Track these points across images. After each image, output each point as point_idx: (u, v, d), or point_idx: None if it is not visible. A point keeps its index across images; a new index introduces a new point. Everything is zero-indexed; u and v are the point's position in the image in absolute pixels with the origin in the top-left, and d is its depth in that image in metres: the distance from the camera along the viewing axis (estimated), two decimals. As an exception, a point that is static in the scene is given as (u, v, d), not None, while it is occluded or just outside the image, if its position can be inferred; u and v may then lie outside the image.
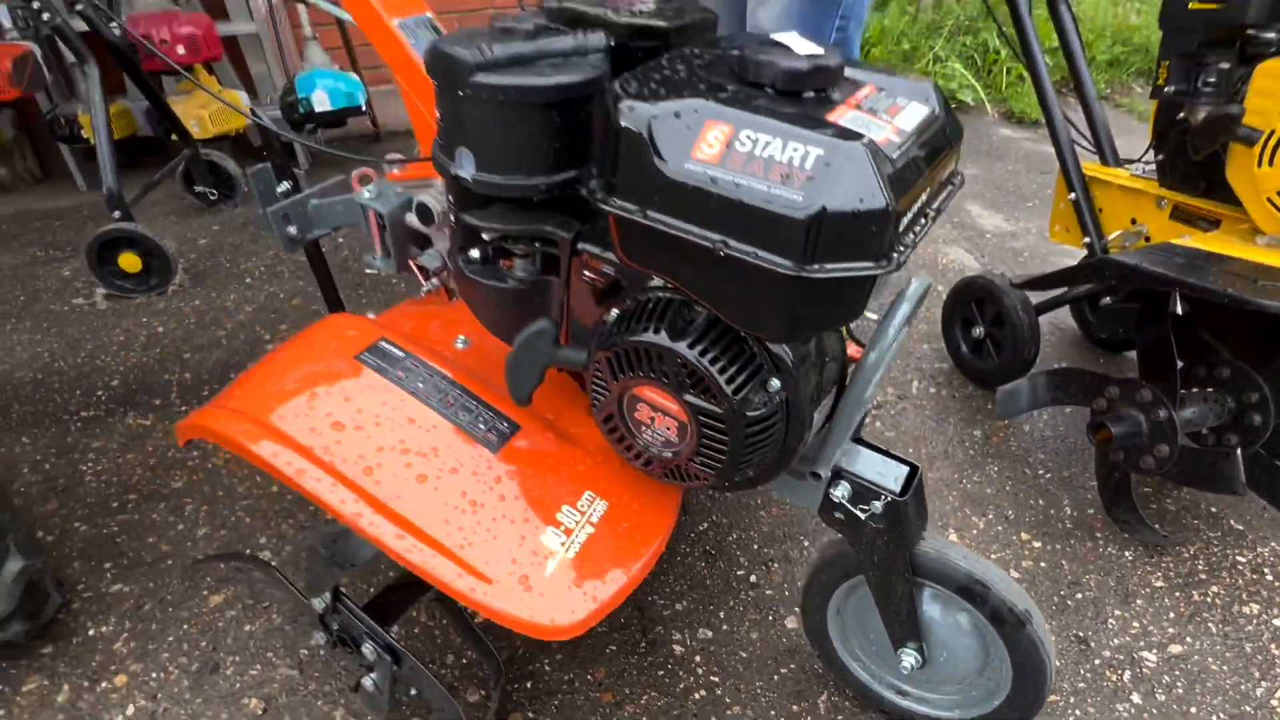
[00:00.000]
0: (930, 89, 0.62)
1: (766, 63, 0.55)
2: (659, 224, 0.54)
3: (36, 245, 2.37)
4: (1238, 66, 1.01)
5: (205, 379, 1.64)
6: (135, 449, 1.45)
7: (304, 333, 0.84)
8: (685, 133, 0.53)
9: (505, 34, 0.62)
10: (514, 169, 0.62)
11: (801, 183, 0.49)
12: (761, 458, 0.65)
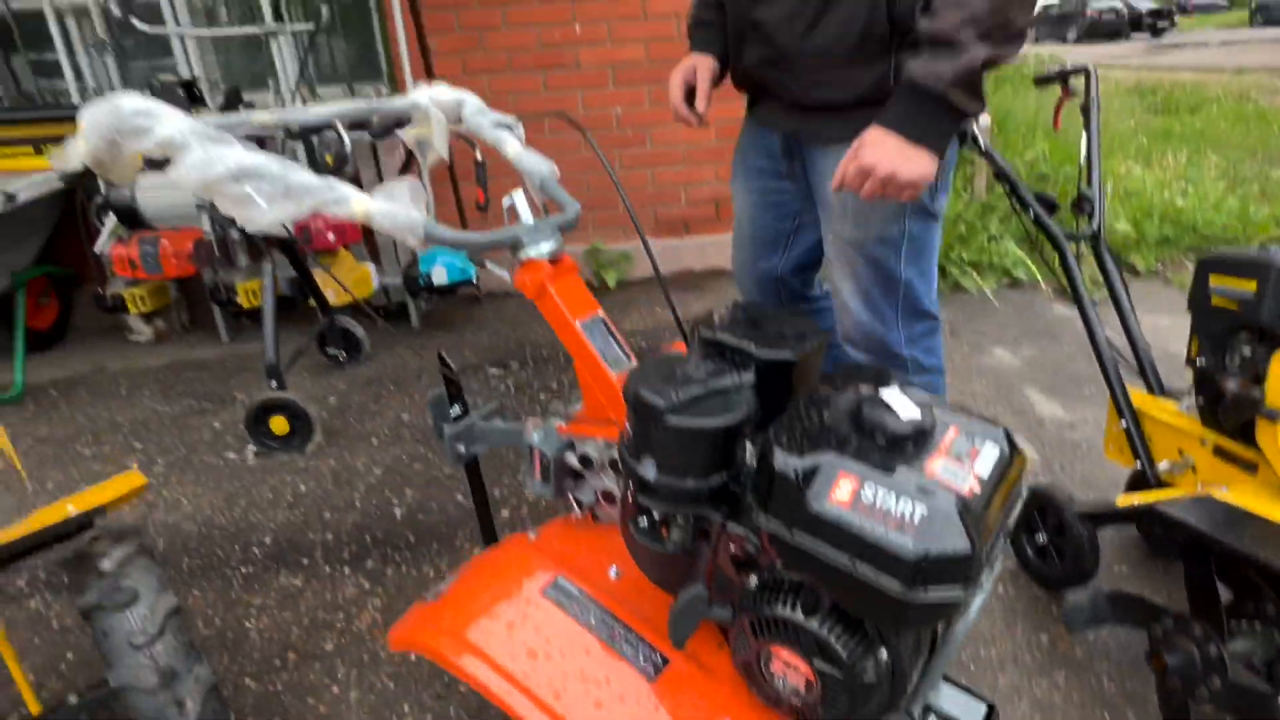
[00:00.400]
0: (1001, 433, 0.82)
1: (879, 424, 0.77)
2: (807, 542, 0.75)
3: (190, 395, 2.72)
4: (1259, 347, 1.20)
5: (345, 541, 1.88)
6: (289, 607, 1.67)
7: (491, 557, 1.06)
8: (824, 481, 0.74)
9: (685, 380, 0.86)
10: (686, 474, 0.85)
11: (911, 531, 0.70)
12: (869, 711, 0.82)
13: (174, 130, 0.89)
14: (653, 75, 3.26)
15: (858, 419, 0.80)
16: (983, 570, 0.73)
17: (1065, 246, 1.68)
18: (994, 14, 1.00)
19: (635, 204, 3.30)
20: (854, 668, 0.78)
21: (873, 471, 0.74)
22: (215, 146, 0.90)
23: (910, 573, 0.70)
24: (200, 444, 2.38)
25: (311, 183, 0.93)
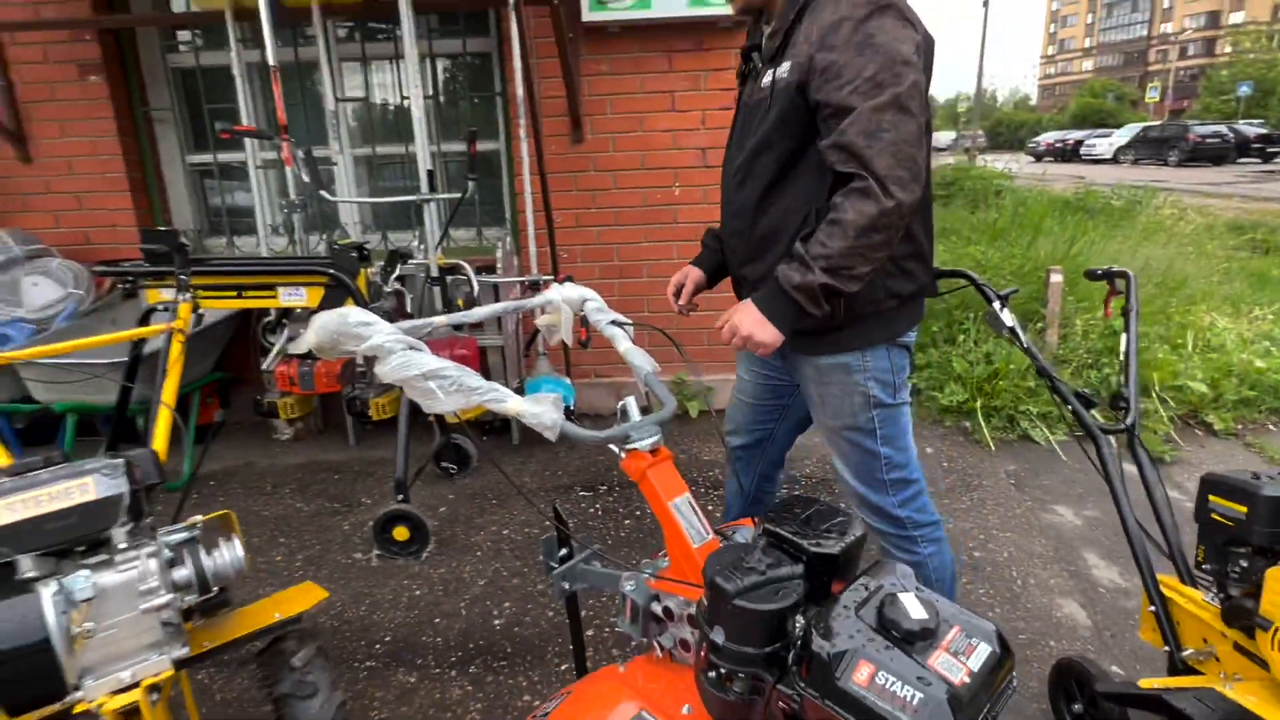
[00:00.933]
0: (993, 631, 1.06)
1: (895, 622, 1.03)
2: (834, 710, 1.00)
3: (323, 496, 3.14)
4: (1254, 561, 1.37)
5: (452, 646, 2.18)
6: (406, 703, 1.97)
7: (587, 688, 1.33)
8: (848, 664, 1.00)
9: (749, 570, 1.14)
10: (745, 643, 1.11)
11: (910, 712, 0.94)
12: None
13: (383, 339, 1.27)
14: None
15: (880, 614, 1.06)
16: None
17: (1100, 439, 1.87)
18: (844, 259, 1.36)
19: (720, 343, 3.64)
20: None
21: (886, 663, 0.99)
22: (411, 354, 1.27)
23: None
24: (333, 543, 2.76)
25: (479, 384, 1.28)
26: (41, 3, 3.55)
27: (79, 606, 1.10)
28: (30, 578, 1.09)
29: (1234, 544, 1.42)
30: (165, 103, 3.83)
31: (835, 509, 1.33)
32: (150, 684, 1.15)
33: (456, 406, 1.30)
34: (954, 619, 1.09)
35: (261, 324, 3.58)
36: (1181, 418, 3.72)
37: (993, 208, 7.67)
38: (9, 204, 3.78)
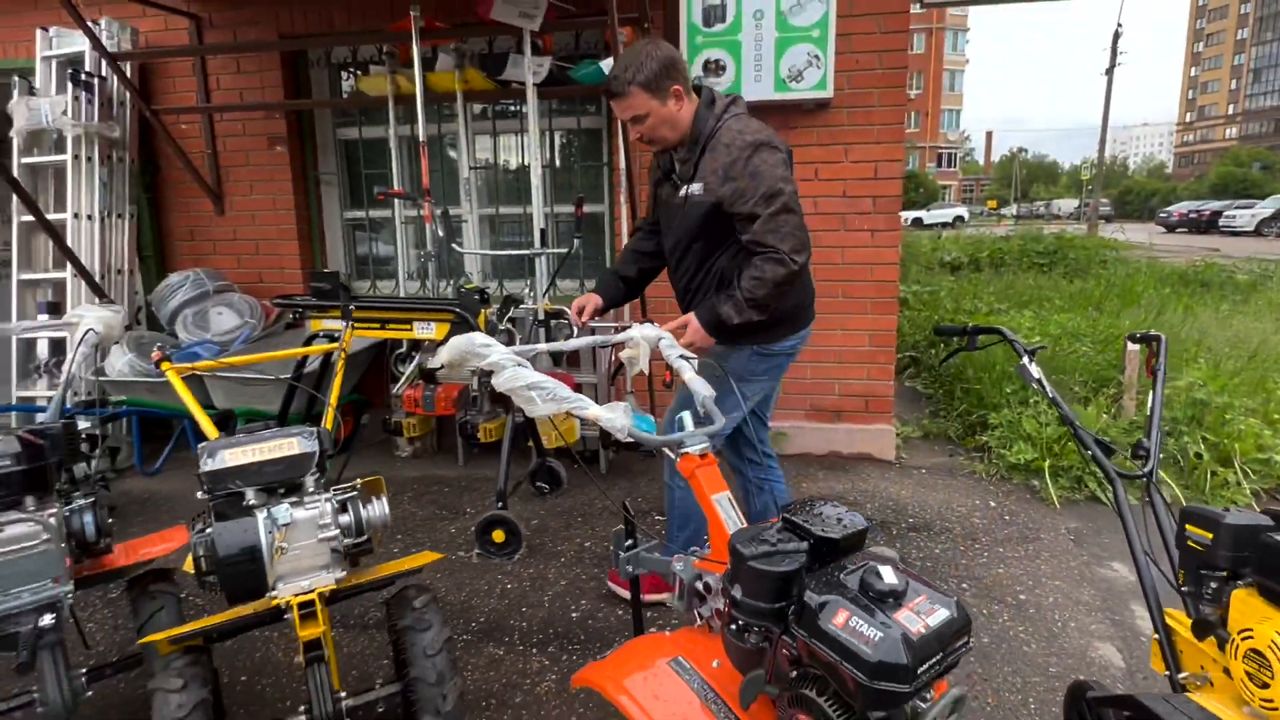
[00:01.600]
0: (954, 602, 1.33)
1: (870, 584, 1.32)
2: (818, 646, 1.30)
3: (434, 504, 3.62)
4: (1224, 582, 1.56)
5: (535, 630, 2.55)
6: (494, 669, 2.34)
7: (640, 639, 1.66)
8: (830, 611, 1.30)
9: (764, 542, 1.46)
10: (759, 599, 1.43)
11: (871, 646, 1.23)
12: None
13: (499, 357, 1.69)
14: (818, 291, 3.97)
15: (862, 580, 1.36)
16: (918, 678, 1.23)
17: (1118, 483, 2.06)
18: (762, 301, 2.16)
19: (793, 392, 3.95)
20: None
21: (857, 610, 1.29)
22: (520, 369, 1.68)
23: (869, 670, 1.23)
24: (441, 542, 3.21)
25: (568, 395, 1.68)
26: (245, 88, 4.39)
27: (280, 529, 1.55)
28: (251, 504, 1.56)
29: (1205, 567, 1.60)
30: (331, 168, 4.59)
31: (845, 510, 1.63)
32: (320, 593, 1.58)
33: (551, 411, 1.71)
34: (922, 590, 1.37)
35: (394, 355, 4.17)
36: (1267, 491, 3.68)
37: (1094, 278, 7.59)
38: (204, 248, 4.60)
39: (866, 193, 3.84)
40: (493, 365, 1.72)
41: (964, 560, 3.00)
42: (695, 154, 2.23)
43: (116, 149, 4.25)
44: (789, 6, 3.60)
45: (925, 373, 5.69)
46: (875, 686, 1.24)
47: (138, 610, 2.03)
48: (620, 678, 1.55)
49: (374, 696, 1.85)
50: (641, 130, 2.25)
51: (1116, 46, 27.04)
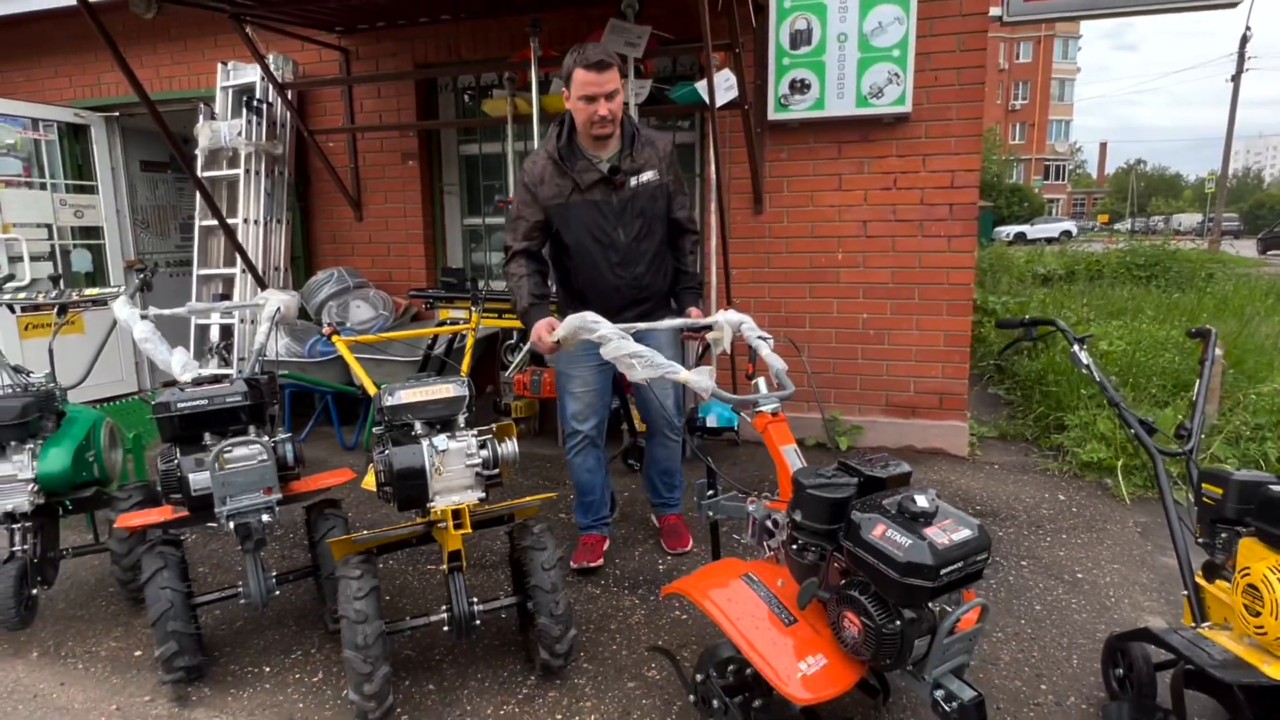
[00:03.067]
0: (977, 525, 1.62)
1: (906, 506, 1.63)
2: (860, 553, 1.63)
3: (538, 476, 4.08)
4: (1229, 532, 1.77)
5: (626, 577, 2.92)
6: (592, 603, 2.73)
7: (719, 562, 2.01)
8: (870, 525, 1.62)
9: (820, 477, 1.79)
10: (816, 520, 1.76)
11: (902, 550, 1.54)
12: (889, 654, 1.62)
13: (606, 331, 2.08)
14: (895, 293, 4.22)
15: (899, 504, 1.67)
16: (940, 578, 1.53)
17: (1158, 459, 2.26)
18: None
19: (870, 388, 4.22)
20: (881, 626, 1.61)
21: (893, 524, 1.61)
22: (623, 341, 2.07)
23: (900, 569, 1.55)
24: (547, 506, 3.65)
25: (663, 363, 2.05)
26: (384, 110, 5.03)
27: (438, 455, 2.00)
28: (418, 434, 2.01)
29: (1217, 519, 1.82)
30: (454, 180, 5.17)
31: (892, 460, 1.93)
32: (467, 507, 2.01)
33: (647, 376, 2.09)
34: (950, 514, 1.67)
35: (504, 345, 4.67)
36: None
37: (1195, 291, 7.40)
38: (345, 250, 5.26)
39: (943, 200, 4.07)
40: (601, 338, 2.12)
41: (1026, 543, 3.20)
42: (630, 147, 2.59)
43: (278, 164, 4.96)
44: (871, 29, 3.90)
45: (1008, 380, 5.78)
46: (905, 582, 1.56)
47: (315, 527, 2.54)
48: (704, 587, 1.91)
49: (499, 605, 2.29)
50: (613, 107, 2.47)
51: (1244, 51, 25.44)
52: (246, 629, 2.64)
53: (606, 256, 2.66)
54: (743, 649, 1.73)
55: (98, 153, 5.79)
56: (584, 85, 2.44)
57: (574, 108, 2.52)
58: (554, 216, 2.63)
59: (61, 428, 2.66)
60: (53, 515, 2.70)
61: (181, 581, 2.21)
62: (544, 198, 2.61)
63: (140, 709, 2.22)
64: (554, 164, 2.60)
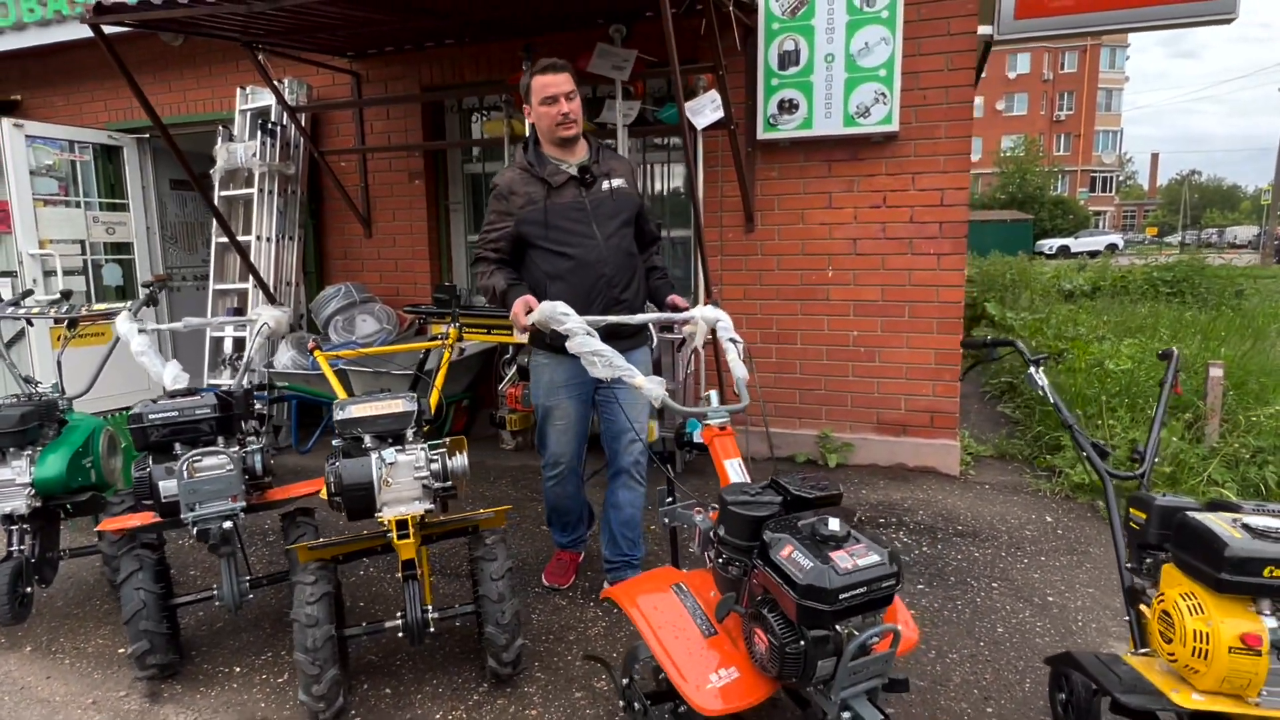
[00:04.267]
0: (888, 553, 1.64)
1: (817, 529, 1.67)
2: (768, 572, 1.66)
3: (528, 488, 4.16)
4: (1153, 556, 1.76)
5: (593, 589, 2.98)
6: (556, 614, 2.79)
7: (658, 571, 2.06)
8: (779, 546, 1.66)
9: (745, 494, 1.83)
10: (736, 536, 1.80)
11: (803, 573, 1.58)
12: (793, 672, 1.64)
13: (573, 325, 2.08)
14: (885, 310, 4.22)
15: (813, 526, 1.70)
16: (839, 601, 1.55)
17: (1108, 482, 2.24)
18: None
19: (861, 405, 4.22)
20: (784, 645, 1.63)
21: (800, 547, 1.64)
22: (587, 338, 2.07)
23: (800, 591, 1.58)
24: (528, 518, 3.73)
25: (621, 364, 2.08)
26: (392, 131, 5.21)
27: (386, 467, 2.09)
28: (368, 447, 2.11)
29: (1142, 544, 1.81)
30: (459, 198, 5.32)
31: (824, 481, 1.95)
32: (413, 518, 2.10)
33: (606, 375, 2.09)
34: (861, 540, 1.69)
35: (501, 360, 4.78)
36: None
37: (1223, 308, 7.20)
38: (354, 265, 5.44)
39: (933, 218, 4.06)
40: (567, 330, 2.13)
41: (1002, 564, 3.17)
42: (598, 155, 2.66)
43: (291, 183, 5.16)
44: (858, 50, 3.93)
45: (1017, 398, 5.70)
46: (803, 603, 1.58)
47: (287, 534, 2.66)
48: (635, 594, 1.96)
49: (453, 613, 2.37)
50: (574, 106, 2.53)
51: (1297, 59, 24.54)
52: (224, 630, 2.76)
53: (583, 256, 2.59)
54: (658, 656, 1.78)
55: (129, 172, 6.07)
56: (543, 88, 2.52)
57: (537, 115, 2.58)
58: (528, 223, 2.59)
59: (61, 435, 2.82)
60: (53, 518, 2.87)
61: (156, 583, 2.34)
62: (516, 206, 2.60)
63: (115, 703, 2.35)
64: (523, 172, 2.62)
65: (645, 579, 2.08)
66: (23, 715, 2.31)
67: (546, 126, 2.58)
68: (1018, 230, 26.12)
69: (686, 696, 1.69)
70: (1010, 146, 46.10)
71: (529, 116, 2.63)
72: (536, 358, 2.79)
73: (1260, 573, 1.50)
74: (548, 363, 2.73)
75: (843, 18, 3.92)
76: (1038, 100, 52.57)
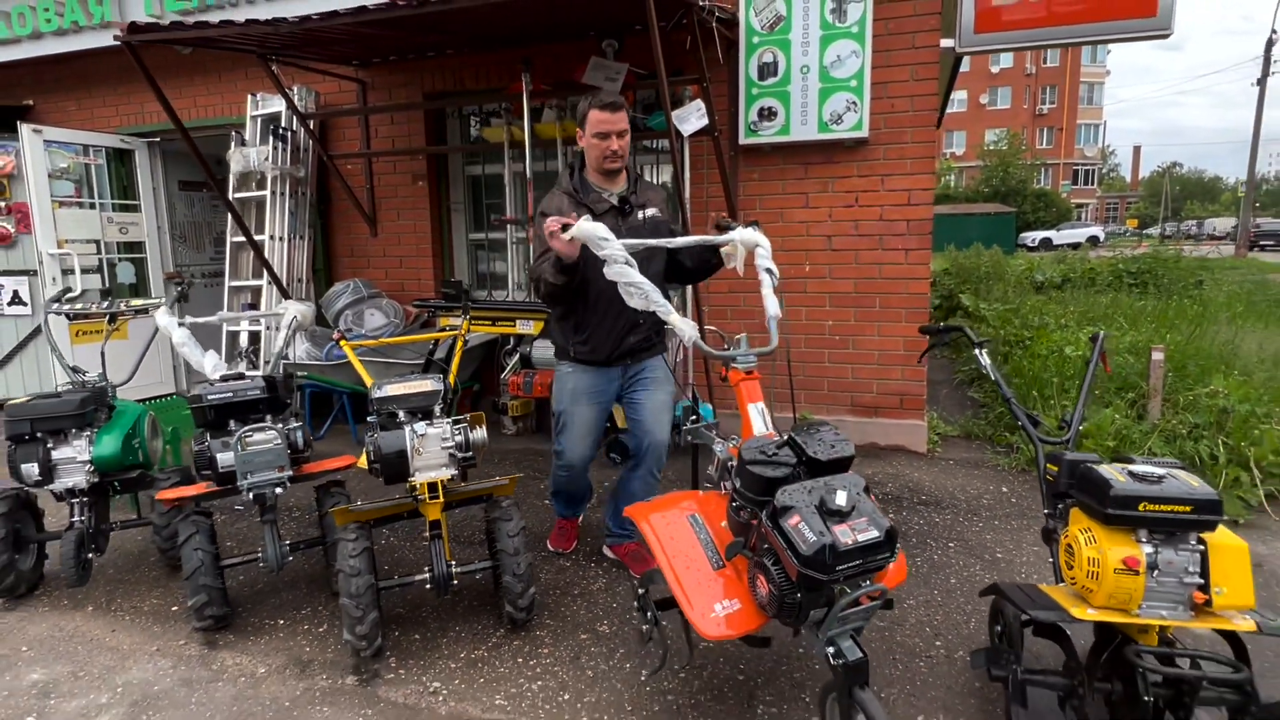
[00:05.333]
0: (886, 527, 1.91)
1: (826, 501, 1.96)
2: (775, 536, 1.95)
3: (530, 468, 4.49)
4: (1063, 504, 2.12)
5: (594, 552, 3.32)
6: (561, 574, 3.14)
7: (678, 494, 2.36)
8: (788, 513, 1.94)
9: (763, 451, 2.14)
10: (750, 491, 2.05)
11: (805, 543, 1.84)
12: (789, 616, 1.92)
13: (613, 251, 2.18)
14: (858, 301, 4.58)
15: (821, 497, 2.00)
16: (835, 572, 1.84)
17: (1039, 447, 2.58)
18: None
19: (836, 389, 4.59)
20: (784, 595, 1.90)
21: (807, 517, 1.93)
22: (626, 268, 2.15)
23: (801, 560, 1.85)
24: (530, 494, 4.07)
25: (660, 300, 2.21)
26: (396, 135, 5.51)
27: (418, 438, 2.42)
28: (402, 421, 2.44)
29: (1056, 494, 2.17)
30: (460, 199, 5.63)
31: (841, 438, 2.14)
32: (441, 481, 2.44)
33: (640, 307, 2.18)
34: (865, 512, 1.95)
35: (502, 351, 5.11)
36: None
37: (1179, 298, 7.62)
38: (361, 263, 5.75)
39: (901, 217, 4.43)
40: (607, 256, 2.18)
41: (959, 528, 3.54)
42: (635, 186, 2.84)
43: (301, 185, 5.46)
44: (831, 62, 4.28)
45: (985, 383, 6.08)
46: (804, 571, 1.80)
47: (322, 503, 2.99)
48: (654, 521, 2.15)
49: (473, 568, 2.71)
50: (623, 144, 2.69)
51: (1269, 55, 25.18)
52: (265, 590, 3.09)
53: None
54: (670, 582, 2.02)
55: (141, 175, 6.35)
56: (598, 123, 2.66)
57: (588, 144, 2.73)
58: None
59: (112, 419, 3.13)
60: (104, 494, 3.18)
61: (211, 544, 2.66)
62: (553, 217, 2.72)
63: (176, 650, 2.67)
64: (569, 198, 2.77)
65: (665, 503, 2.26)
66: (96, 660, 2.63)
67: (595, 157, 2.74)
68: (1000, 223, 26.63)
69: (692, 621, 1.95)
70: (994, 140, 46.68)
71: (580, 141, 2.78)
72: (560, 368, 2.99)
73: (1137, 508, 1.86)
74: (570, 372, 2.94)
75: (817, 32, 4.27)
76: (1021, 94, 53.17)
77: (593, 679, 2.44)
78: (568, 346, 2.93)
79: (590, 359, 2.89)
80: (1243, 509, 3.74)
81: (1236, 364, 4.80)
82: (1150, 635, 1.94)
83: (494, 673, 2.48)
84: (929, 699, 2.34)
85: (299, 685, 2.45)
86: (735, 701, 2.33)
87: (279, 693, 2.41)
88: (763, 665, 2.49)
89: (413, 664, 2.54)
